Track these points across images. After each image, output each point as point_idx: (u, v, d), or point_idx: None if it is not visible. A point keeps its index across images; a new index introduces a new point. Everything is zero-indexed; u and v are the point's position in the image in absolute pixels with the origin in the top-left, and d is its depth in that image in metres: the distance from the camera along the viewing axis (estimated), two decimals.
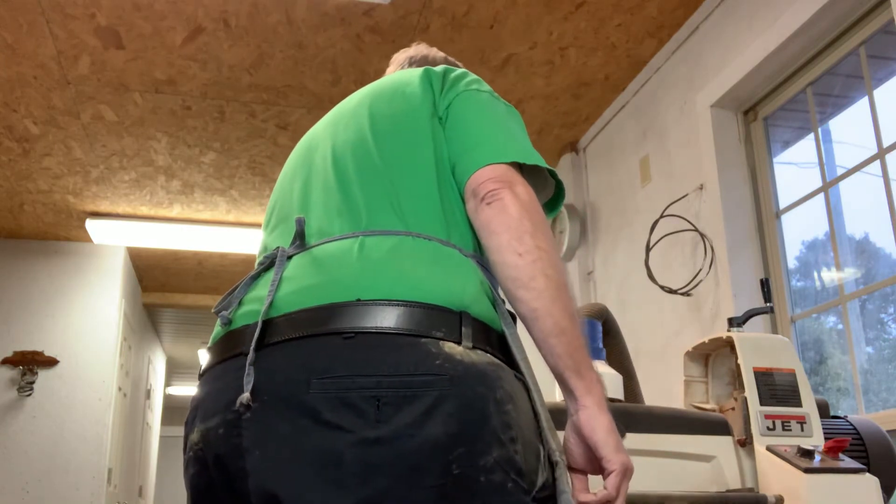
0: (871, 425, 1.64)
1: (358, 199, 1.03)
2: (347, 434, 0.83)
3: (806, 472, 1.38)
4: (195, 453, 0.95)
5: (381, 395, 0.84)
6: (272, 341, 0.91)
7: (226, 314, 0.99)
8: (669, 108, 3.08)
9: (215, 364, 0.98)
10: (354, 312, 0.89)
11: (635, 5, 2.84)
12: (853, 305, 2.38)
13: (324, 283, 0.93)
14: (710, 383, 1.73)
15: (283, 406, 0.86)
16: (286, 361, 0.89)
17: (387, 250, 0.95)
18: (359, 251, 0.95)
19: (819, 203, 2.49)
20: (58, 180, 4.17)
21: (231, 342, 0.97)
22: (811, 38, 2.39)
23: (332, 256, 0.97)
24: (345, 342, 0.87)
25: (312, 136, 1.22)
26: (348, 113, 1.16)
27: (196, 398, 0.99)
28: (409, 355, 0.86)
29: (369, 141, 1.08)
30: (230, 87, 3.30)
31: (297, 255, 1.01)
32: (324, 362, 0.87)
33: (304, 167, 1.15)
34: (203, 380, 1.01)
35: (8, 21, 2.85)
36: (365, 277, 0.92)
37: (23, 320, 4.91)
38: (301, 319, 0.91)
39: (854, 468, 1.42)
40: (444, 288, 0.92)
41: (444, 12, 2.85)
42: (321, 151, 1.14)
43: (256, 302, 0.97)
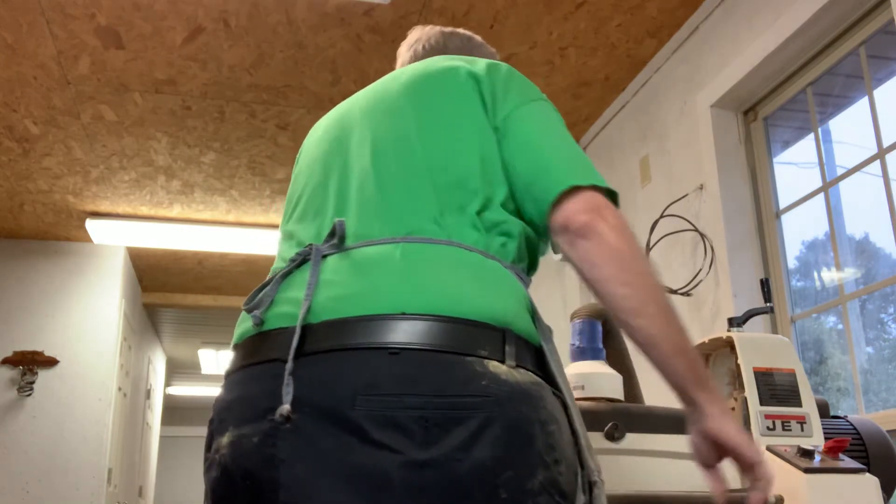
0: (871, 425, 1.64)
1: (399, 202, 0.99)
2: (396, 455, 0.81)
3: (806, 472, 1.38)
4: (221, 458, 0.91)
5: (430, 416, 0.82)
6: (312, 350, 0.88)
7: (258, 313, 0.96)
8: (669, 108, 3.08)
9: (246, 366, 0.95)
10: (400, 327, 0.87)
11: (635, 5, 2.84)
12: (853, 305, 2.38)
13: (365, 292, 0.91)
14: None
15: (326, 420, 0.84)
16: (329, 374, 0.86)
17: (429, 261, 0.93)
18: (401, 259, 0.93)
19: (819, 203, 2.49)
20: (58, 180, 4.17)
21: (265, 345, 0.94)
22: (811, 38, 2.39)
23: (373, 262, 0.94)
24: (390, 357, 0.85)
25: (345, 118, 1.16)
26: (390, 102, 1.12)
27: (225, 400, 0.96)
28: (457, 375, 0.85)
29: (414, 140, 1.05)
30: (230, 87, 3.30)
31: (334, 257, 0.97)
32: (370, 378, 0.84)
33: (339, 154, 1.11)
34: (232, 380, 0.97)
35: (8, 21, 2.85)
36: (408, 289, 0.90)
37: (23, 320, 4.91)
38: (343, 329, 0.88)
39: (854, 468, 1.42)
40: (487, 304, 0.91)
41: (444, 12, 2.85)
42: (358, 140, 1.10)
43: (290, 304, 0.94)
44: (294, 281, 0.98)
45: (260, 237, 4.77)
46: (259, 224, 4.73)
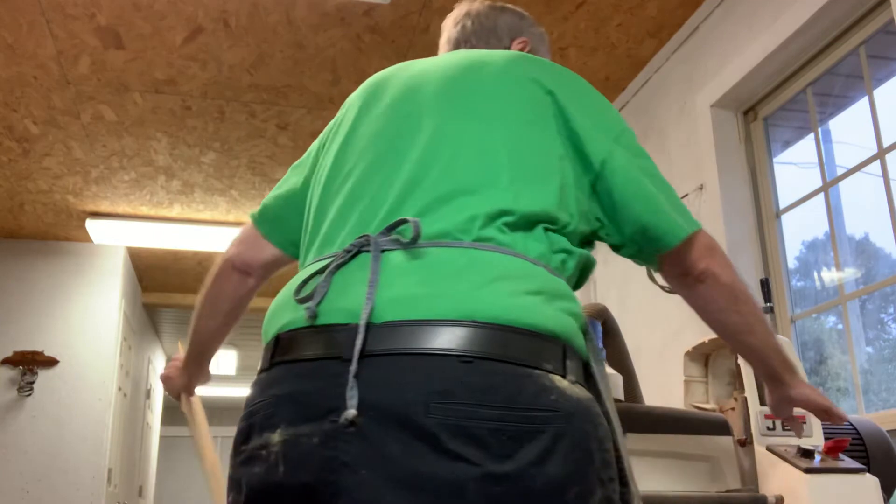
0: (871, 425, 1.64)
1: (473, 206, 0.96)
2: (473, 467, 0.80)
3: (806, 472, 1.38)
4: (271, 455, 0.87)
5: (505, 428, 0.81)
6: (376, 351, 0.85)
7: (312, 306, 0.91)
8: (669, 108, 3.08)
9: (297, 360, 0.91)
10: (471, 334, 0.85)
11: (635, 5, 2.84)
12: (853, 305, 2.38)
13: (434, 295, 0.88)
14: (710, 383, 1.73)
15: (393, 425, 0.81)
16: (397, 377, 0.84)
17: (499, 270, 0.91)
18: (470, 265, 0.91)
19: (819, 203, 2.49)
20: (58, 180, 4.17)
21: (322, 340, 0.90)
22: (811, 38, 2.39)
23: (442, 264, 0.91)
24: (463, 365, 0.83)
25: (416, 97, 1.10)
26: (468, 93, 1.08)
27: (272, 394, 0.91)
28: (528, 388, 0.85)
29: (499, 146, 1.02)
30: (230, 87, 3.30)
31: (397, 253, 0.92)
32: (443, 385, 0.82)
33: (407, 139, 1.05)
34: (280, 372, 0.93)
35: (8, 21, 2.85)
36: (479, 297, 0.88)
37: (23, 320, 4.91)
38: (411, 332, 0.85)
39: (854, 468, 1.42)
40: (552, 318, 0.91)
41: (444, 12, 2.84)
42: (433, 130, 1.05)
43: (348, 299, 0.90)
44: (351, 274, 0.93)
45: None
46: None
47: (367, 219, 1.00)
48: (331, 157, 1.12)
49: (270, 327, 1.00)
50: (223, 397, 10.27)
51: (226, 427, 11.29)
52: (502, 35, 1.32)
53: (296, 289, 0.95)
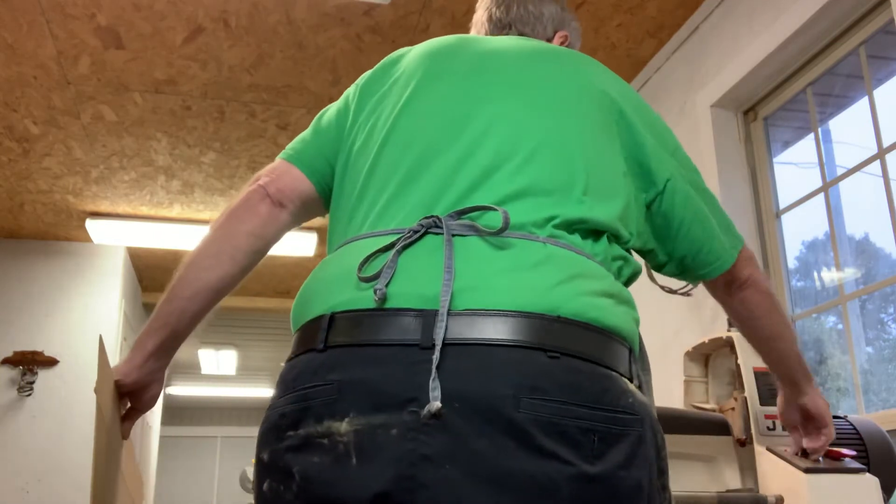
0: (871, 425, 1.64)
1: (548, 207, 0.93)
2: (566, 466, 0.77)
3: (806, 472, 1.38)
4: (334, 443, 0.80)
5: (596, 428, 0.79)
6: (458, 339, 0.80)
7: (382, 287, 0.84)
8: (669, 108, 3.08)
9: (366, 344, 0.84)
10: (557, 330, 0.82)
11: (635, 5, 2.84)
12: (853, 305, 2.38)
13: (515, 286, 0.84)
14: (710, 383, 1.73)
15: (480, 419, 0.77)
16: (485, 368, 0.80)
17: (577, 269, 0.89)
18: (548, 260, 0.88)
19: (819, 203, 2.49)
20: (58, 180, 4.17)
21: (395, 325, 0.83)
22: (811, 38, 2.39)
23: (520, 256, 0.87)
24: (551, 361, 0.81)
25: (488, 77, 1.06)
26: (547, 88, 1.05)
27: (337, 379, 0.83)
28: (611, 388, 0.83)
29: (576, 151, 0.98)
30: (230, 87, 3.30)
31: (471, 238, 0.88)
32: (533, 380, 0.79)
33: (482, 120, 1.00)
34: (342, 356, 0.85)
35: (8, 21, 2.85)
36: (561, 292, 0.85)
37: (23, 320, 4.91)
38: (494, 322, 0.81)
39: (854, 468, 1.42)
40: (622, 321, 0.90)
41: (444, 12, 2.85)
42: (510, 115, 1.00)
43: (420, 282, 0.85)
44: (420, 256, 0.87)
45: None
46: None
47: (433, 198, 0.94)
48: (388, 120, 1.04)
49: (316, 304, 0.91)
50: (223, 397, 10.27)
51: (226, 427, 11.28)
52: (547, 25, 1.28)
53: (359, 265, 0.88)
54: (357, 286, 0.87)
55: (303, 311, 0.94)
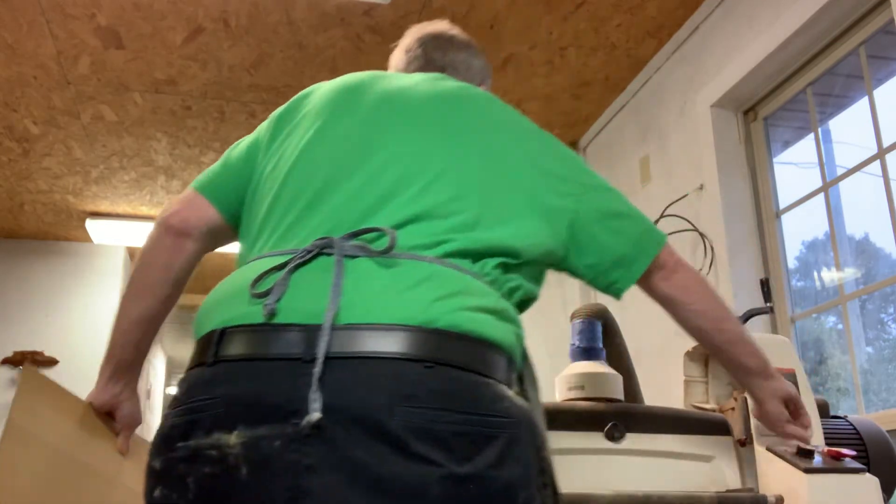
0: (871, 425, 1.64)
1: (440, 230, 0.99)
2: (437, 468, 0.81)
3: (806, 472, 1.38)
4: (224, 454, 0.84)
5: (468, 431, 0.84)
6: (339, 353, 0.84)
7: (272, 302, 0.88)
8: (669, 108, 3.08)
9: (253, 358, 0.88)
10: (435, 341, 0.87)
11: (635, 5, 2.84)
12: (853, 305, 2.38)
13: (397, 302, 0.89)
14: (710, 383, 1.73)
15: (358, 428, 0.81)
16: (362, 380, 0.84)
17: (459, 286, 0.94)
18: (431, 277, 0.93)
19: (819, 203, 2.49)
20: (58, 180, 4.17)
21: (280, 340, 0.87)
22: (811, 38, 2.39)
23: (404, 274, 0.92)
24: (426, 370, 0.85)
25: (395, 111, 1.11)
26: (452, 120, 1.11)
27: (226, 393, 0.87)
28: (485, 394, 0.88)
29: (474, 178, 1.05)
30: (230, 87, 3.30)
31: (360, 259, 0.93)
32: (409, 389, 0.84)
33: (383, 151, 1.06)
34: (230, 370, 0.89)
35: (8, 21, 2.85)
36: (440, 307, 0.90)
37: (23, 320, 4.91)
38: (374, 336, 0.86)
39: (854, 468, 1.42)
40: (502, 332, 0.95)
41: (444, 12, 2.85)
42: (412, 146, 1.07)
43: (308, 299, 0.89)
44: (311, 275, 0.92)
45: None
46: None
47: (333, 223, 0.99)
48: (295, 149, 1.09)
49: (210, 319, 0.95)
50: None
51: None
52: (475, 76, 1.36)
53: (252, 282, 0.92)
54: (249, 302, 0.91)
55: (198, 327, 0.98)
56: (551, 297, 4.16)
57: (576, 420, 1.40)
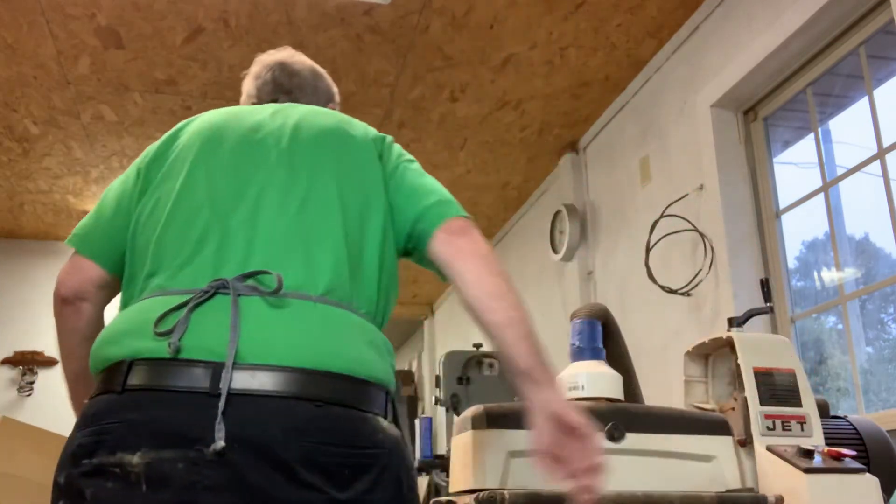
0: (871, 425, 1.64)
1: (317, 261, 1.09)
2: (321, 494, 0.95)
3: (806, 472, 1.38)
4: (126, 472, 0.93)
5: (348, 462, 0.98)
6: (239, 390, 0.96)
7: (175, 340, 0.98)
8: (669, 108, 3.08)
9: (158, 389, 0.98)
10: (323, 383, 1.00)
11: (635, 5, 2.84)
12: (853, 305, 2.38)
13: (293, 346, 1.01)
14: (710, 383, 1.73)
15: (254, 456, 0.93)
16: (261, 415, 0.96)
17: (342, 326, 1.06)
18: (321, 321, 1.05)
19: (819, 203, 2.49)
20: (58, 180, 4.17)
21: (185, 374, 0.98)
22: (811, 38, 2.39)
23: (297, 317, 1.04)
24: (316, 409, 0.98)
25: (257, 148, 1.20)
26: (306, 152, 1.20)
27: (133, 418, 0.96)
28: (363, 429, 1.02)
29: (336, 207, 1.15)
30: (230, 87, 3.30)
31: (254, 299, 1.03)
32: (300, 425, 0.97)
33: (254, 187, 1.15)
34: (137, 398, 0.98)
35: (8, 21, 2.85)
36: (329, 350, 1.03)
37: (23, 320, 4.91)
38: (272, 377, 0.98)
39: (854, 468, 1.42)
40: (380, 369, 1.08)
41: (444, 12, 2.85)
42: (274, 181, 1.15)
43: (209, 337, 0.99)
44: (209, 314, 1.02)
45: None
46: None
47: (218, 261, 1.08)
48: (171, 192, 1.17)
49: (113, 350, 1.04)
50: None
51: None
52: (321, 97, 1.48)
53: (155, 321, 1.01)
54: (153, 339, 1.00)
55: (102, 355, 1.06)
56: (551, 297, 4.16)
57: None
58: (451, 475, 1.48)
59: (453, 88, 3.35)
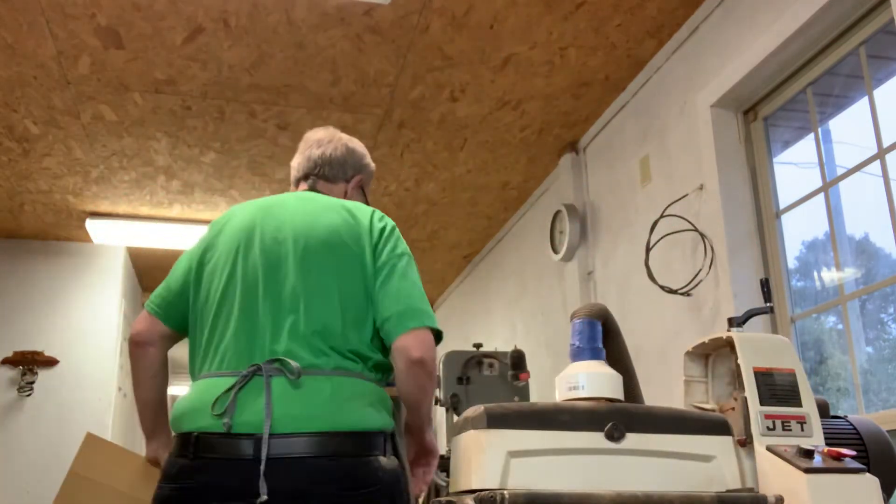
0: (871, 425, 1.64)
1: (330, 342, 1.49)
2: None
3: (806, 472, 1.38)
4: None
5: (358, 496, 1.41)
6: (275, 455, 1.38)
7: (228, 421, 1.40)
8: (669, 108, 3.08)
9: (221, 458, 1.41)
10: (335, 442, 1.42)
11: (635, 5, 2.84)
12: (853, 305, 2.38)
13: (311, 416, 1.42)
14: (710, 383, 1.73)
15: (290, 501, 1.37)
16: (291, 472, 1.38)
17: (350, 392, 1.47)
18: (332, 393, 1.45)
19: (819, 203, 2.49)
20: (58, 180, 4.17)
21: (236, 445, 1.40)
22: (811, 38, 2.39)
23: (314, 391, 1.44)
24: (330, 462, 1.40)
25: (277, 249, 1.57)
26: (315, 256, 1.56)
27: (204, 480, 1.40)
28: (366, 471, 1.43)
29: (335, 299, 1.52)
30: (230, 87, 3.30)
31: (280, 380, 1.44)
32: (319, 477, 1.39)
33: (274, 287, 1.54)
34: (206, 464, 1.42)
35: (8, 21, 2.86)
36: (338, 416, 1.43)
37: (23, 320, 4.91)
38: (298, 442, 1.40)
39: (854, 468, 1.42)
40: (378, 421, 1.48)
41: (444, 12, 2.85)
42: (291, 281, 1.53)
43: (252, 414, 1.41)
44: (249, 395, 1.43)
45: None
46: None
47: (251, 349, 1.49)
48: (217, 290, 1.58)
49: (186, 423, 1.47)
50: None
51: None
52: (348, 170, 1.83)
53: (212, 404, 1.43)
54: (212, 417, 1.43)
55: (179, 424, 1.49)
56: (551, 297, 4.16)
57: (576, 420, 1.40)
58: (451, 475, 1.48)
59: (453, 88, 3.35)
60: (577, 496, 1.27)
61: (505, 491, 1.25)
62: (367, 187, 1.90)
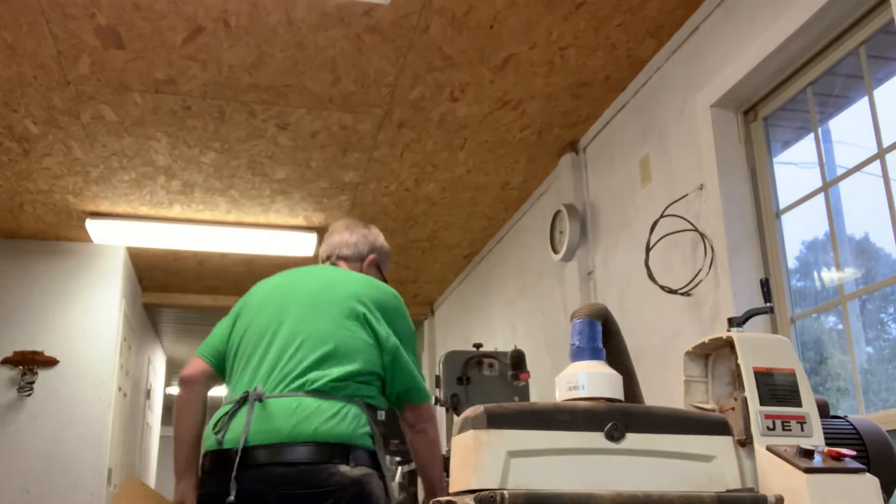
0: (871, 425, 1.64)
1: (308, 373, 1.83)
2: None
3: (806, 472, 1.38)
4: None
5: (314, 496, 1.71)
6: (247, 463, 1.73)
7: (221, 438, 1.79)
8: (669, 108, 3.08)
9: (215, 471, 1.81)
10: (293, 451, 1.73)
11: (635, 5, 2.84)
12: (853, 305, 2.38)
13: (273, 430, 1.76)
14: (710, 383, 1.73)
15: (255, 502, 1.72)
16: (257, 477, 1.73)
17: (313, 409, 1.77)
18: (295, 408, 1.77)
19: (819, 203, 2.49)
20: (58, 180, 4.17)
21: (224, 458, 1.77)
22: (811, 38, 2.39)
23: (280, 409, 1.78)
24: (291, 468, 1.72)
25: (281, 306, 1.96)
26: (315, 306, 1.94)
27: (206, 491, 1.84)
28: (320, 476, 1.72)
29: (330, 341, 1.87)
30: (230, 87, 3.30)
31: (260, 403, 1.80)
32: (279, 480, 1.72)
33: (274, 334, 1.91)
34: (207, 477, 1.85)
35: (8, 21, 2.86)
36: (299, 427, 1.75)
37: (23, 320, 4.91)
38: (264, 452, 1.74)
39: (854, 468, 1.42)
40: (340, 433, 1.77)
41: (444, 12, 2.85)
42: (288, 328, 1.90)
43: (235, 433, 1.78)
44: (239, 417, 1.80)
45: (259, 237, 4.77)
46: (259, 224, 4.73)
47: (254, 380, 1.86)
48: (242, 336, 1.98)
49: (204, 444, 1.88)
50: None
51: None
52: (363, 249, 2.20)
53: (212, 425, 1.84)
54: (213, 436, 1.83)
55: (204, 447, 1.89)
56: (551, 297, 4.16)
57: (576, 420, 1.40)
58: (451, 475, 1.48)
59: (453, 88, 3.35)
60: (577, 496, 1.27)
61: (505, 491, 1.25)
62: (383, 266, 2.23)
